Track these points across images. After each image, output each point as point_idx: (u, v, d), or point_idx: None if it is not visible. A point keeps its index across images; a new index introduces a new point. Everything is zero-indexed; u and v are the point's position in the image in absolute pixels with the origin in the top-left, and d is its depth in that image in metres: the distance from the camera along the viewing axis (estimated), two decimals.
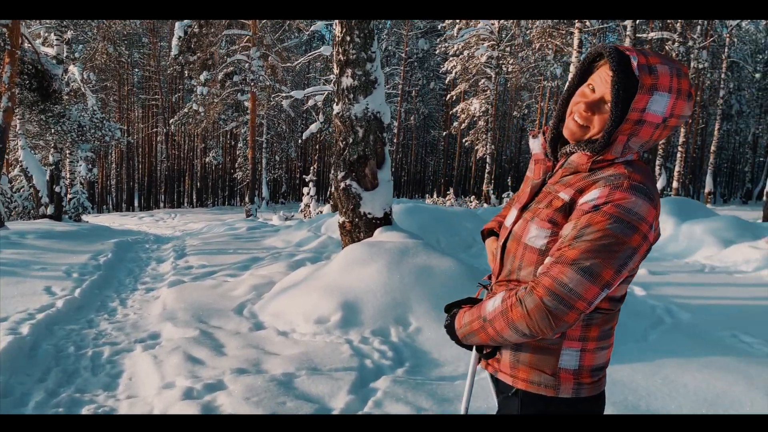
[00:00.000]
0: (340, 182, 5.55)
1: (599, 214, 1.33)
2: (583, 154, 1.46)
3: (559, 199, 1.45)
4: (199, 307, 5.17)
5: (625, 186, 1.34)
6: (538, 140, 1.65)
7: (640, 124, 1.36)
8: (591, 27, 18.72)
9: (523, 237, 1.51)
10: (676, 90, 1.34)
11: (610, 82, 1.37)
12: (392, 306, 4.24)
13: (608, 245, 1.30)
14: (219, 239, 10.24)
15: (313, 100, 18.00)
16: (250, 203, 22.70)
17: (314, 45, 39.61)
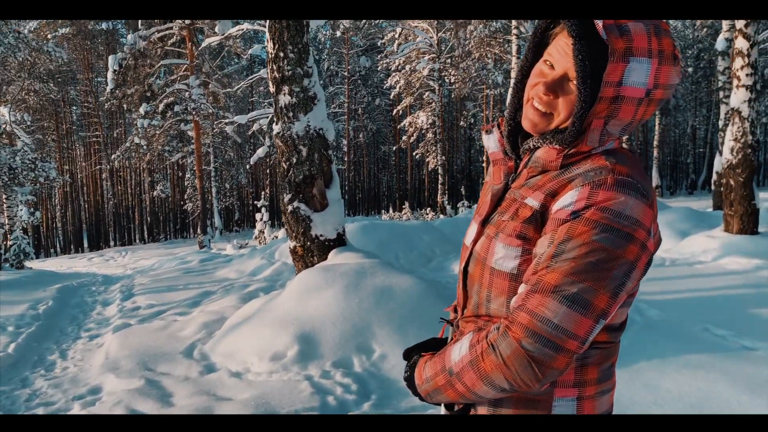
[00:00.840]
0: (287, 205, 5.25)
1: (580, 222, 1.03)
2: (550, 148, 1.15)
3: (527, 206, 1.14)
4: (145, 352, 4.78)
5: (609, 183, 1.04)
6: (493, 136, 1.33)
7: (617, 102, 1.05)
8: (526, 33, 18.94)
9: (488, 259, 1.20)
10: (656, 52, 1.03)
11: (571, 53, 1.07)
12: (353, 333, 3.95)
13: (598, 263, 1.00)
14: (169, 275, 9.76)
15: (258, 124, 17.63)
16: (203, 234, 22.09)
17: (255, 69, 39.22)
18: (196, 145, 22.53)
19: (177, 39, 21.76)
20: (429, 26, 24.16)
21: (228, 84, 24.37)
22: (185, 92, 21.52)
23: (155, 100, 21.82)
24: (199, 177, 22.55)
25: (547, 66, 1.14)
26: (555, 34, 1.16)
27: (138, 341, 5.13)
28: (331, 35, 33.30)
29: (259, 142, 35.86)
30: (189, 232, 41.87)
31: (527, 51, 1.23)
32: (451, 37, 25.29)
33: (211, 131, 25.28)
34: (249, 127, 23.64)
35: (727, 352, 4.02)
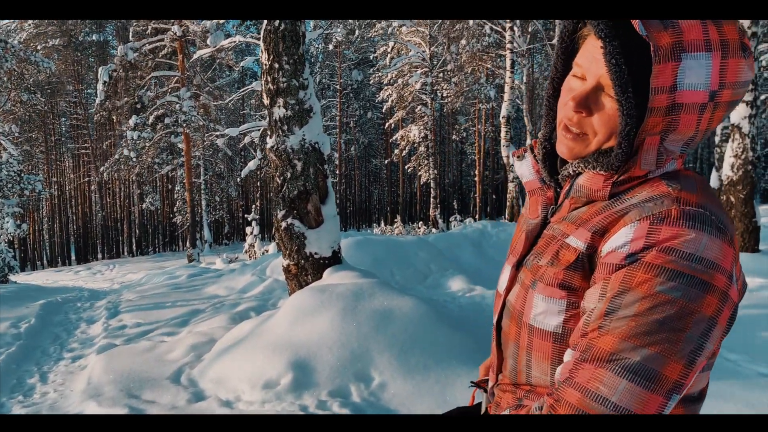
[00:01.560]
0: (281, 222, 5.04)
1: (639, 268, 0.81)
2: (595, 174, 0.94)
3: (569, 248, 0.93)
4: (130, 377, 4.52)
5: (674, 216, 0.83)
6: (525, 162, 1.12)
7: (675, 112, 0.84)
8: (520, 48, 18.91)
9: (524, 314, 0.99)
10: (717, 43, 0.82)
11: (602, 58, 0.87)
12: (350, 360, 3.72)
13: (666, 321, 0.78)
14: (157, 291, 9.47)
15: (250, 137, 17.43)
16: (192, 248, 21.80)
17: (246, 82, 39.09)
18: (186, 158, 22.29)
19: (168, 51, 21.60)
20: (422, 40, 24.13)
21: (219, 96, 24.18)
22: (176, 104, 21.33)
23: (145, 112, 21.62)
24: (188, 189, 22.29)
25: (578, 78, 0.94)
26: (584, 36, 0.95)
27: (123, 364, 4.87)
28: (324, 48, 33.24)
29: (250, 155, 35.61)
30: (178, 245, 41.47)
31: (555, 60, 1.03)
32: (444, 51, 25.27)
33: (201, 144, 25.06)
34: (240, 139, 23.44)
35: (744, 379, 3.83)
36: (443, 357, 3.76)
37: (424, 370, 3.66)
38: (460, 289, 7.35)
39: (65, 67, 35.69)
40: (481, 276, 8.55)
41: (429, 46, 23.51)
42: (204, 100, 21.99)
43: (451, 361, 3.76)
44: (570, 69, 0.99)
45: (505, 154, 17.32)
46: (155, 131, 22.44)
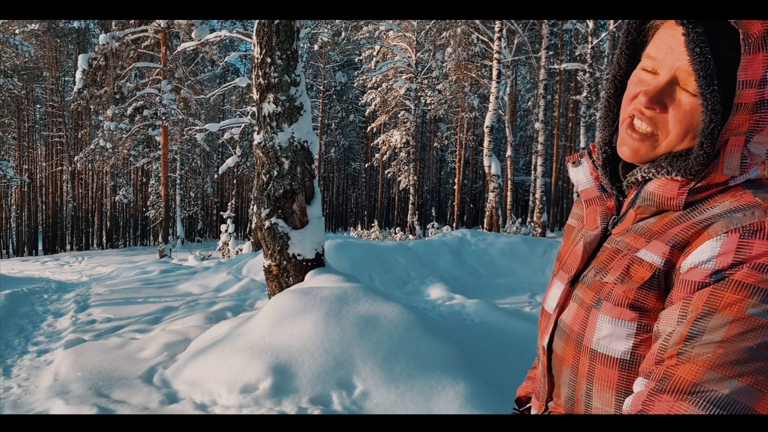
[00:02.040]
0: (264, 221, 4.90)
1: (728, 287, 0.71)
2: (669, 180, 0.84)
3: (644, 263, 0.82)
4: (99, 374, 4.34)
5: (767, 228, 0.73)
6: (582, 168, 1.01)
7: (763, 109, 0.75)
8: (506, 59, 19.01)
9: (585, 337, 0.87)
10: None
11: (683, 47, 0.78)
12: (333, 367, 3.60)
13: (760, 348, 0.67)
14: (128, 285, 9.23)
15: (230, 133, 17.19)
16: (164, 243, 21.44)
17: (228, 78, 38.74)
18: (163, 151, 21.95)
19: (151, 42, 21.26)
20: (408, 46, 24.12)
21: (200, 91, 23.87)
22: (156, 96, 20.99)
23: (124, 102, 21.22)
24: (163, 184, 21.93)
25: (649, 71, 0.84)
26: (655, 26, 0.86)
27: (92, 361, 4.68)
28: (309, 48, 33.07)
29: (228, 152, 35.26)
30: (149, 240, 40.86)
31: (619, 56, 0.93)
32: (430, 58, 25.31)
33: (179, 138, 24.70)
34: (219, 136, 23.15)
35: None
36: (427, 366, 3.66)
37: (407, 379, 3.56)
38: (439, 297, 7.27)
39: (43, 53, 34.96)
40: (460, 284, 8.49)
41: (415, 52, 23.51)
42: (185, 93, 21.69)
43: (435, 370, 3.66)
44: (634, 67, 0.90)
45: (487, 164, 17.35)
46: (133, 123, 22.07)
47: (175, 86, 21.13)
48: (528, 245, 10.64)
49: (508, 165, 22.13)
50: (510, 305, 7.42)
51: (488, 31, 20.45)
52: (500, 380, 3.88)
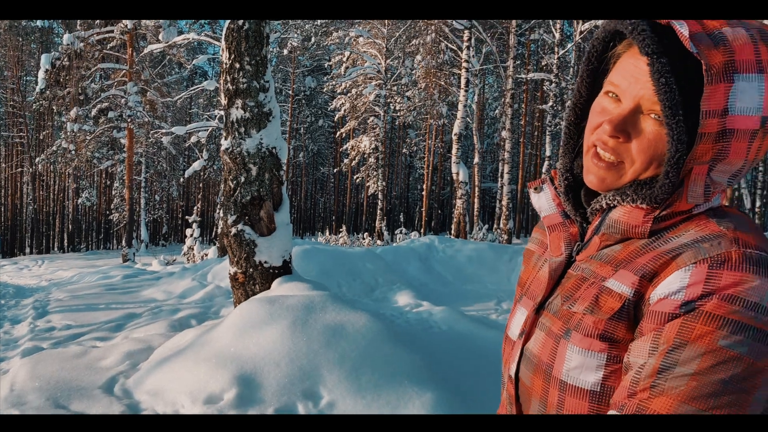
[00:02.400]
0: (230, 227, 4.84)
1: (699, 319, 0.71)
2: (635, 208, 0.84)
3: (613, 294, 0.81)
4: (57, 384, 4.22)
5: (735, 259, 0.73)
6: (544, 194, 1.01)
7: (725, 139, 0.76)
8: (474, 68, 19.20)
9: (554, 367, 0.86)
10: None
11: (646, 77, 0.79)
12: (299, 377, 3.57)
13: (732, 381, 0.68)
14: (90, 291, 9.01)
15: (196, 137, 16.98)
16: (128, 247, 21.04)
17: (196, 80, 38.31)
18: (128, 154, 21.55)
19: (117, 43, 20.91)
20: (378, 52, 24.18)
21: (167, 93, 23.54)
22: (121, 98, 20.62)
23: (88, 104, 20.80)
24: (128, 187, 21.53)
25: (611, 98, 0.85)
26: (617, 54, 0.86)
27: (50, 370, 4.55)
28: (278, 53, 32.89)
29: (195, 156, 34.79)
30: (113, 244, 40.07)
31: (580, 83, 0.92)
32: (399, 65, 25.40)
33: (145, 140, 24.29)
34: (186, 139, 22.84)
35: None
36: (395, 376, 3.66)
37: (375, 389, 3.54)
38: (407, 303, 7.28)
39: (4, 52, 34.08)
40: (428, 291, 8.52)
41: (385, 58, 23.59)
42: (151, 96, 21.35)
43: (402, 380, 3.66)
44: (594, 95, 0.90)
45: (455, 171, 17.47)
46: (97, 124, 21.62)
47: (141, 88, 20.79)
48: (494, 252, 10.73)
49: (476, 172, 22.31)
50: (477, 312, 7.46)
51: (457, 39, 20.63)
52: (466, 389, 3.89)
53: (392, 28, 23.69)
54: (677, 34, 0.77)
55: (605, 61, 0.89)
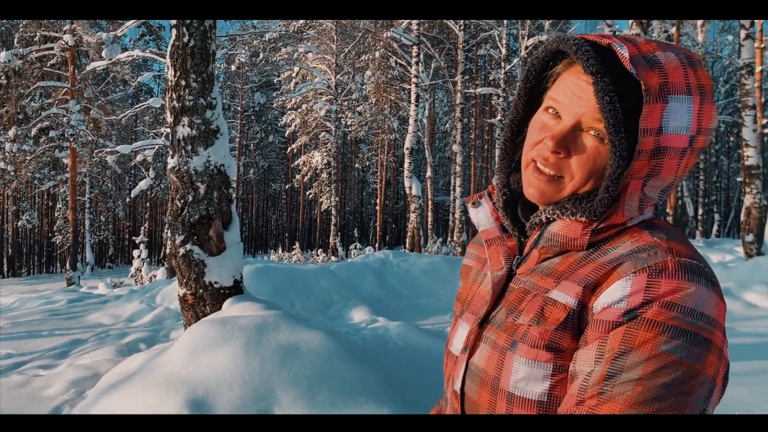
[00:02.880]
0: (179, 247, 4.72)
1: (641, 326, 0.74)
2: (573, 221, 0.86)
3: (557, 304, 0.83)
4: None
5: (671, 268, 0.77)
6: (482, 209, 1.02)
7: (659, 156, 0.81)
8: (423, 83, 19.43)
9: (501, 380, 0.87)
10: (696, 88, 0.80)
11: (587, 95, 0.82)
12: (253, 398, 3.48)
13: (673, 384, 0.71)
14: (32, 317, 8.63)
15: (142, 155, 16.60)
16: (72, 270, 20.33)
17: (142, 98, 37.58)
18: (71, 174, 20.90)
19: (58, 60, 20.33)
20: (327, 68, 24.22)
21: (111, 111, 22.98)
22: (63, 117, 20.01)
23: (28, 123, 20.12)
24: (71, 208, 20.87)
25: (551, 115, 0.88)
26: (557, 73, 0.90)
27: None
28: (226, 69, 32.59)
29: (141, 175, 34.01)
30: (56, 267, 38.70)
31: (517, 101, 0.96)
32: (349, 80, 25.50)
33: (89, 160, 23.62)
34: (131, 157, 22.32)
35: None
36: (351, 394, 3.61)
37: (330, 407, 3.49)
38: (362, 320, 7.23)
39: None
40: (383, 306, 8.49)
41: (335, 74, 23.63)
42: (95, 114, 20.80)
43: (358, 398, 3.61)
44: (531, 112, 0.94)
45: (408, 185, 17.57)
46: (38, 144, 20.94)
47: (84, 106, 20.23)
48: (448, 264, 10.80)
49: (429, 185, 22.51)
50: (432, 326, 7.48)
51: (406, 55, 20.86)
52: (423, 403, 3.87)
53: (341, 44, 23.79)
54: (617, 56, 0.81)
55: (544, 79, 0.92)
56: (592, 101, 0.82)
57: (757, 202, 11.83)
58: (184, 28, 4.59)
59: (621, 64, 0.81)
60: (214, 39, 4.74)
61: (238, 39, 31.03)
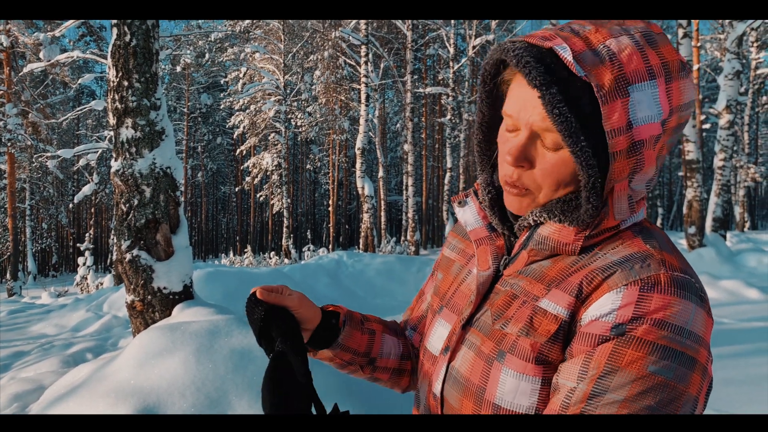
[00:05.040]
0: (125, 253, 4.58)
1: (630, 344, 0.72)
2: (562, 227, 0.83)
3: (548, 315, 0.80)
4: None
5: (663, 282, 0.74)
6: (469, 208, 0.99)
7: (637, 151, 0.76)
8: (373, 83, 19.43)
9: (487, 390, 0.83)
10: (659, 68, 0.75)
11: (535, 106, 0.78)
12: (207, 405, 3.40)
13: (659, 406, 0.69)
14: None
15: (85, 160, 16.07)
16: (13, 280, 19.54)
17: (83, 100, 36.43)
18: (9, 180, 20.08)
19: None
20: (275, 68, 23.96)
21: (51, 115, 22.16)
22: None
23: None
24: (11, 216, 20.04)
25: (510, 129, 0.84)
26: (506, 81, 0.86)
27: None
28: (171, 70, 31.87)
29: (85, 179, 32.97)
30: None
31: (480, 105, 0.93)
32: (298, 80, 25.30)
33: (28, 165, 22.73)
34: (74, 162, 21.59)
35: None
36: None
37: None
38: None
39: None
40: None
41: (283, 74, 23.40)
42: (33, 117, 20.01)
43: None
44: (497, 110, 0.91)
45: (360, 185, 17.55)
46: None
47: (22, 110, 19.45)
48: (403, 264, 10.83)
49: (381, 185, 22.53)
50: None
51: (355, 55, 20.82)
52: (381, 402, 3.86)
53: (289, 44, 23.58)
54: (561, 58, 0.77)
55: (497, 84, 0.89)
56: (542, 108, 0.78)
57: (698, 195, 12.28)
58: (125, 27, 4.46)
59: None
60: (157, 38, 4.62)
61: (183, 39, 30.38)
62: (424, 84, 30.03)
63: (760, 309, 7.20)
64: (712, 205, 13.22)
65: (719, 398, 4.01)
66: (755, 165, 31.48)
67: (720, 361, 4.89)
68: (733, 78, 12.90)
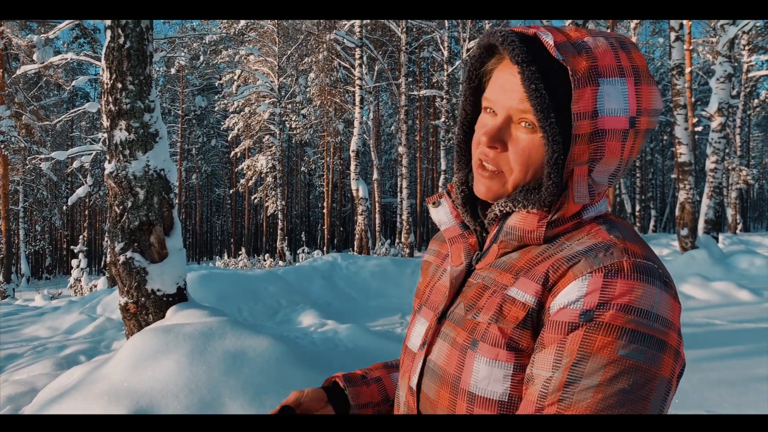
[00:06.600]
0: (119, 255, 4.58)
1: (599, 330, 0.73)
2: (528, 213, 0.86)
3: (516, 303, 0.82)
4: None
5: (627, 268, 0.77)
6: (442, 207, 1.02)
7: (599, 139, 0.80)
8: (367, 85, 19.45)
9: (462, 379, 0.85)
10: (630, 69, 0.81)
11: (515, 87, 0.83)
12: (200, 407, 3.40)
13: (632, 389, 0.71)
14: None
15: (79, 162, 16.03)
16: (6, 282, 19.47)
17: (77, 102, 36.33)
18: (2, 182, 20.02)
19: None
20: (270, 70, 23.96)
21: (45, 117, 22.09)
22: None
23: None
24: (4, 218, 19.98)
25: (489, 114, 0.89)
26: (489, 71, 0.91)
27: None
28: (165, 72, 31.82)
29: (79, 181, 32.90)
30: None
31: (464, 102, 0.96)
32: (293, 83, 25.30)
33: (22, 167, 22.66)
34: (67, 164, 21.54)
35: None
36: None
37: None
38: (311, 324, 7.17)
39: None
40: (332, 309, 8.45)
41: (278, 76, 23.40)
42: (27, 119, 19.96)
43: None
44: (479, 110, 0.94)
45: (354, 187, 17.56)
46: None
47: (15, 111, 19.40)
48: (397, 266, 10.84)
49: (375, 188, 22.54)
50: (381, 327, 7.48)
51: (349, 57, 20.84)
52: None
53: (283, 46, 23.59)
54: (544, 44, 0.82)
55: (482, 80, 0.93)
56: (520, 91, 0.82)
57: (690, 197, 12.34)
58: (119, 30, 4.46)
59: (550, 53, 0.81)
60: (151, 40, 4.62)
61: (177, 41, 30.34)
62: (418, 86, 30.08)
63: (752, 310, 7.25)
64: (705, 207, 13.27)
65: (711, 399, 4.04)
66: (747, 167, 31.70)
67: (712, 362, 4.92)
68: (725, 81, 12.97)
